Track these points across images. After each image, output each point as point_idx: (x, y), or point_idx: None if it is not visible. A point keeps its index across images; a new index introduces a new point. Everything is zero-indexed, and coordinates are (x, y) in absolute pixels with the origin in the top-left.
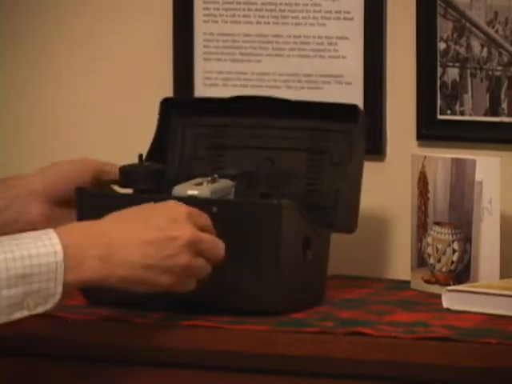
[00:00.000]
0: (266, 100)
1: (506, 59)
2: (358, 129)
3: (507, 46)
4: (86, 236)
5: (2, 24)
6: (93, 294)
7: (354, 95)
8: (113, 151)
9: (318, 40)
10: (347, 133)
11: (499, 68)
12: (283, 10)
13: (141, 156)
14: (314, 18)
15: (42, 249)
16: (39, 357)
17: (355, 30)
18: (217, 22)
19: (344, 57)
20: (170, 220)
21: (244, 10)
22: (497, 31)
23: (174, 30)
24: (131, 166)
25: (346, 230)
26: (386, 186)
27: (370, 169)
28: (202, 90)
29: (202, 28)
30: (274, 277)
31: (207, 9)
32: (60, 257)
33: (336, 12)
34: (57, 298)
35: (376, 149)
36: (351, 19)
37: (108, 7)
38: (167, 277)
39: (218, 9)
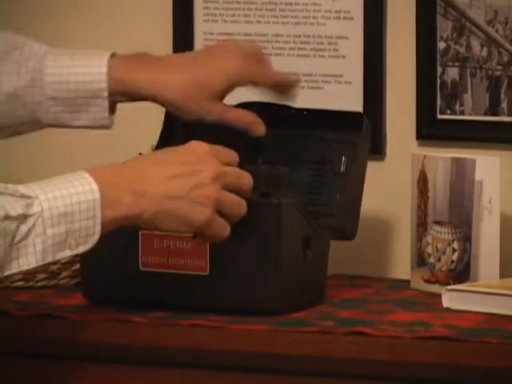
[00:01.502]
0: (268, 107)
1: (505, 59)
2: (361, 139)
3: (507, 45)
4: (118, 175)
5: (2, 27)
6: (95, 294)
7: (353, 95)
8: (114, 152)
9: (317, 39)
10: (351, 143)
11: (499, 67)
12: (283, 10)
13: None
14: (313, 17)
15: (80, 187)
16: (39, 357)
17: (355, 30)
18: (217, 21)
19: (344, 56)
20: (195, 156)
21: (244, 9)
22: (497, 31)
23: (174, 30)
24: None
25: (345, 237)
26: (386, 186)
27: (370, 168)
28: None
29: (201, 27)
30: (274, 276)
31: (207, 8)
32: (97, 194)
33: (336, 11)
34: (96, 236)
35: (376, 148)
36: (351, 19)
37: (108, 7)
38: (199, 210)
39: (218, 8)
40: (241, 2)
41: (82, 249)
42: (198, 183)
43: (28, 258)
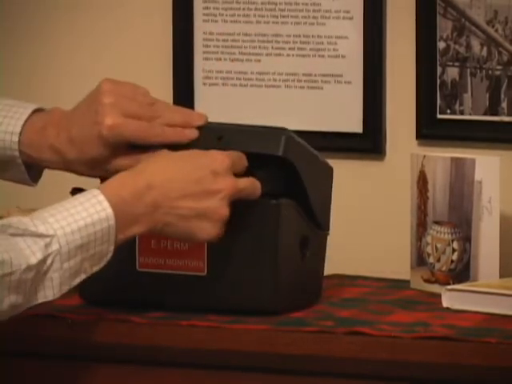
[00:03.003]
0: None
1: (505, 58)
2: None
3: (507, 45)
4: (132, 194)
5: (1, 23)
6: (91, 294)
7: (353, 95)
8: None
9: (317, 39)
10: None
11: (499, 67)
12: (283, 10)
13: None
14: (313, 17)
15: (96, 216)
16: (39, 357)
17: (355, 30)
18: (216, 21)
19: (344, 56)
20: (211, 172)
21: (244, 9)
22: (496, 30)
23: (174, 30)
24: None
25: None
26: (386, 186)
27: (369, 168)
28: (201, 89)
29: (201, 27)
30: (272, 276)
31: (207, 8)
32: (112, 220)
33: (336, 11)
34: (109, 255)
35: (376, 148)
36: (351, 18)
37: (107, 7)
38: (210, 227)
39: (218, 8)
40: (241, 2)
41: (95, 269)
42: (213, 204)
43: (46, 292)
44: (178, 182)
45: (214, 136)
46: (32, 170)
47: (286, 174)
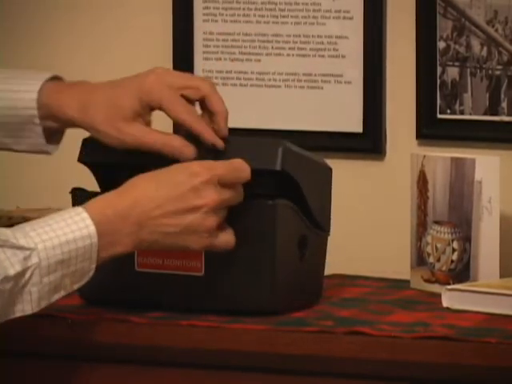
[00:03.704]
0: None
1: (505, 58)
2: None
3: (507, 45)
4: (117, 213)
5: (2, 23)
6: (91, 295)
7: (353, 95)
8: None
9: (317, 39)
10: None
11: (499, 67)
12: (283, 10)
13: None
14: (313, 17)
15: (78, 233)
16: (39, 357)
17: (355, 30)
18: (216, 21)
19: (344, 56)
20: (191, 188)
21: (244, 9)
22: (496, 30)
23: (174, 29)
24: None
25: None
26: (386, 186)
27: (369, 168)
28: None
29: (201, 27)
30: (270, 276)
31: (207, 8)
32: (95, 238)
33: (336, 11)
34: (91, 273)
35: (376, 148)
36: (351, 18)
37: (107, 7)
38: (197, 240)
39: (218, 8)
40: (241, 2)
41: (76, 287)
42: (196, 218)
43: (24, 306)
44: (161, 201)
45: (209, 157)
46: (50, 134)
47: (284, 179)
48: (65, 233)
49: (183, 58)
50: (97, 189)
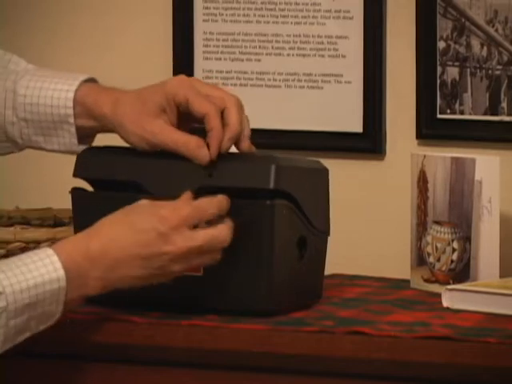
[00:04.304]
0: None
1: (505, 58)
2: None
3: (507, 44)
4: (86, 258)
5: (3, 21)
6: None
7: (353, 95)
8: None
9: (317, 39)
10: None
11: (499, 67)
12: (283, 9)
13: None
14: (313, 17)
15: (47, 276)
16: (39, 357)
17: (355, 29)
18: (217, 21)
19: (344, 56)
20: (158, 235)
21: (244, 9)
22: (496, 30)
23: (174, 29)
24: None
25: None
26: (386, 185)
27: (369, 168)
28: None
29: (201, 27)
30: (269, 277)
31: (207, 8)
32: (63, 282)
33: (336, 11)
34: (57, 315)
35: (376, 148)
36: (351, 18)
37: (108, 7)
38: (164, 279)
39: (218, 8)
40: (241, 2)
41: (42, 328)
42: (163, 263)
43: None
44: (129, 247)
45: (204, 173)
46: (82, 136)
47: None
48: (34, 276)
49: (183, 58)
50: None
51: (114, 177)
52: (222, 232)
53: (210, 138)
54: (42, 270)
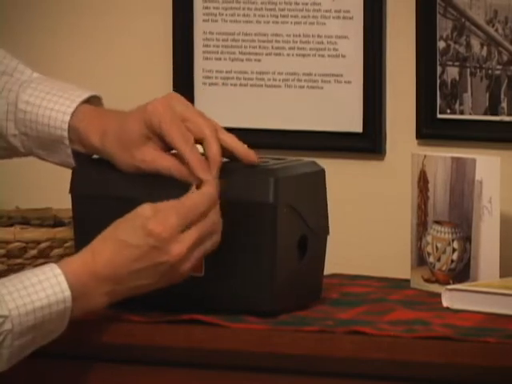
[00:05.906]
0: None
1: (505, 58)
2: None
3: (507, 44)
4: (92, 276)
5: (3, 21)
6: None
7: (353, 94)
8: None
9: (317, 39)
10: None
11: (499, 67)
12: (283, 9)
13: None
14: (313, 17)
15: (53, 298)
16: (39, 357)
17: (355, 29)
18: (216, 21)
19: (344, 56)
20: (151, 248)
21: (244, 9)
22: (496, 30)
23: (174, 29)
24: None
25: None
26: (386, 185)
27: (370, 168)
28: (201, 89)
29: (201, 27)
30: (270, 277)
31: (207, 8)
32: (69, 302)
33: (336, 11)
34: (61, 330)
35: (376, 148)
36: (351, 18)
37: (108, 7)
38: (176, 281)
39: (218, 8)
40: (241, 2)
41: (45, 343)
42: (168, 270)
43: None
44: (129, 263)
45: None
46: (79, 155)
47: None
48: (40, 298)
49: (183, 58)
50: None
51: (111, 192)
52: (211, 216)
53: (194, 171)
54: (48, 291)
